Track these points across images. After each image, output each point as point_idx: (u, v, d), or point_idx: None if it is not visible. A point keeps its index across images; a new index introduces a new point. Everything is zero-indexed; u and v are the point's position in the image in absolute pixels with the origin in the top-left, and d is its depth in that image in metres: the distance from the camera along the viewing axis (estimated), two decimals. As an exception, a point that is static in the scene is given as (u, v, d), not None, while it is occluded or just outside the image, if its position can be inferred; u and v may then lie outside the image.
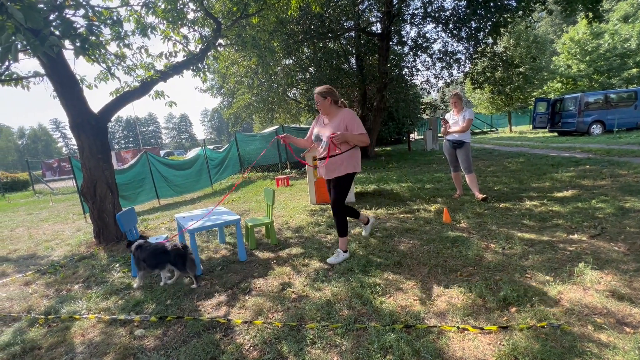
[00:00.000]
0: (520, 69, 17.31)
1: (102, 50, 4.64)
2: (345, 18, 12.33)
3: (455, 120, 4.83)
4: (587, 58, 20.63)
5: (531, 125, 16.52)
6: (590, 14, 8.80)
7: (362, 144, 2.98)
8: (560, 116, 14.47)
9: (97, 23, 3.28)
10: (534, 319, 1.95)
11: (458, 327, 1.94)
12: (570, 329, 1.83)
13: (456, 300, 2.26)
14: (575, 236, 3.14)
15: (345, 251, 3.17)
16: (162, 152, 29.39)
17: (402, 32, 12.24)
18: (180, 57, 5.50)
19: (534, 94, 21.90)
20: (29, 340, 2.31)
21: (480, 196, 4.70)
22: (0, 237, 6.09)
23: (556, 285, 2.29)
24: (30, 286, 3.41)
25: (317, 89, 2.98)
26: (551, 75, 22.59)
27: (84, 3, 2.70)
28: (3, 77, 5.15)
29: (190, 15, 5.83)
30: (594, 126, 13.24)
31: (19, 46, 1.67)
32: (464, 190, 5.24)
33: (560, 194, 4.66)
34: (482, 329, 1.91)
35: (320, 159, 3.09)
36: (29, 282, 3.55)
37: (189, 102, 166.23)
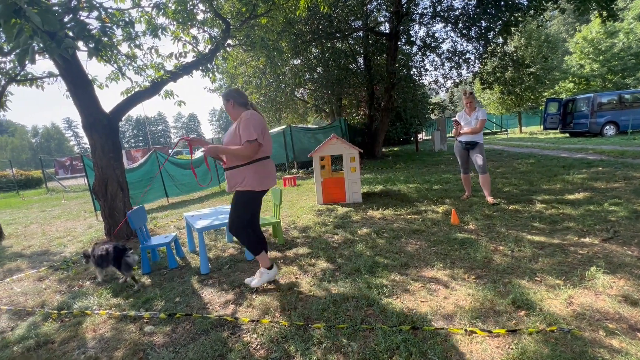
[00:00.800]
0: (531, 69, 17.04)
1: (114, 51, 4.72)
2: (353, 18, 12.32)
3: (467, 121, 4.72)
4: (601, 57, 20.19)
5: (542, 126, 16.25)
6: (605, 12, 8.60)
7: (237, 156, 2.47)
8: (572, 117, 14.21)
9: (109, 24, 3.34)
10: (543, 323, 1.92)
11: (466, 330, 1.93)
12: (581, 334, 1.80)
13: (464, 302, 2.24)
14: (587, 239, 3.08)
15: (269, 267, 2.75)
16: (171, 151, 29.72)
17: (411, 32, 12.17)
18: (190, 58, 5.57)
19: (545, 94, 21.53)
20: (43, 335, 2.36)
21: (491, 200, 4.61)
22: (15, 234, 6.25)
23: (567, 289, 2.26)
24: (44, 282, 3.50)
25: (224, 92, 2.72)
26: (563, 75, 22.17)
27: (97, 5, 2.75)
28: (19, 78, 5.29)
29: (200, 16, 5.90)
30: (607, 127, 12.96)
31: (35, 48, 1.73)
32: (472, 192, 5.19)
33: (571, 196, 4.58)
34: (490, 332, 1.90)
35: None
36: (43, 277, 3.64)
37: (197, 102, 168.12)
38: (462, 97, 4.88)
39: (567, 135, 15.00)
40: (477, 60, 12.11)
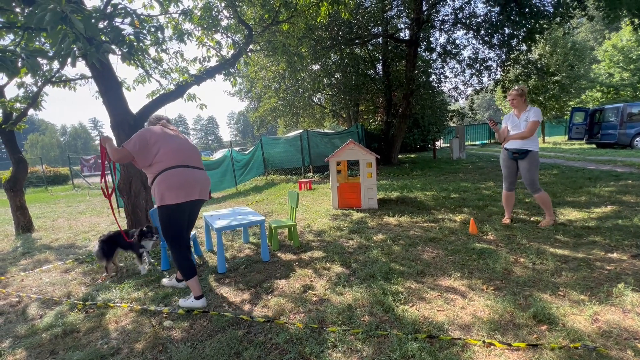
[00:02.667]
0: (556, 77, 16.54)
1: (144, 55, 4.93)
2: (373, 24, 12.36)
3: (515, 123, 3.86)
4: (632, 66, 19.38)
5: (566, 136, 15.68)
6: (637, 20, 8.30)
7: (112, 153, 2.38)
8: (600, 127, 13.65)
9: (140, 29, 3.51)
10: (566, 339, 1.86)
11: (484, 342, 1.89)
12: (608, 352, 1.73)
13: (482, 313, 2.19)
14: (615, 255, 2.96)
15: (198, 297, 2.54)
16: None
17: (431, 39, 12.08)
18: (213, 62, 5.77)
19: (571, 103, 20.81)
20: (69, 324, 2.48)
21: (550, 221, 3.85)
22: (43, 227, 6.56)
23: (592, 305, 2.17)
24: (70, 273, 3.66)
25: None
26: (590, 84, 21.41)
27: (131, 12, 2.91)
28: (54, 80, 5.61)
29: (224, 22, 6.09)
30: (638, 139, 12.38)
31: (77, 53, 1.85)
32: (490, 203, 5.05)
33: (598, 210, 4.40)
34: (509, 345, 1.85)
35: None
36: (69, 269, 3.81)
37: (216, 105, 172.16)
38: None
39: (594, 146, 14.41)
40: (499, 68, 11.87)
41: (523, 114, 3.81)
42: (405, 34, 13.39)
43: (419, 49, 11.51)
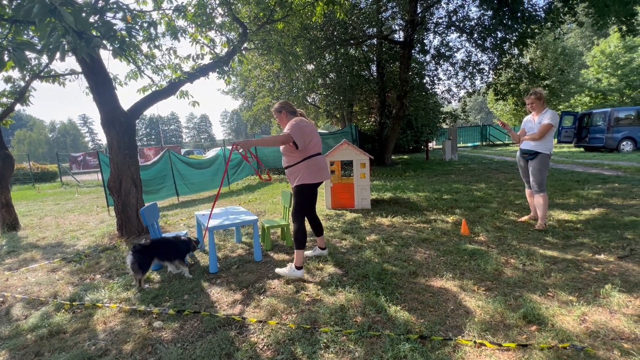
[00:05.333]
0: (547, 82, 16.84)
1: (136, 51, 4.85)
2: (368, 25, 12.40)
3: (531, 126, 3.94)
4: (619, 72, 19.84)
5: (556, 139, 15.99)
6: (624, 27, 8.49)
7: (274, 143, 3.05)
8: (588, 131, 13.94)
9: (132, 25, 3.45)
10: (555, 339, 1.89)
11: (475, 342, 1.90)
12: (595, 352, 1.76)
13: (473, 314, 2.21)
14: (602, 256, 3.02)
15: (299, 267, 2.96)
16: (182, 151, 30.17)
17: (425, 41, 12.18)
18: (207, 60, 5.69)
19: (560, 107, 21.22)
20: (55, 324, 2.42)
21: (540, 225, 3.89)
22: (30, 225, 6.41)
23: (580, 306, 2.21)
24: (57, 273, 3.58)
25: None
26: (579, 88, 21.85)
27: (123, 7, 2.86)
28: (42, 74, 5.48)
29: (218, 20, 6.03)
30: (624, 143, 12.68)
31: (66, 47, 1.81)
32: (483, 203, 5.11)
33: (586, 212, 4.49)
34: (500, 345, 1.87)
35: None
36: (56, 269, 3.73)
37: (209, 103, 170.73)
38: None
39: (582, 149, 14.72)
40: (491, 71, 12.04)
41: (538, 117, 3.86)
42: (399, 36, 13.47)
43: (413, 51, 11.59)
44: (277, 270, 3.05)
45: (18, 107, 5.94)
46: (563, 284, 2.53)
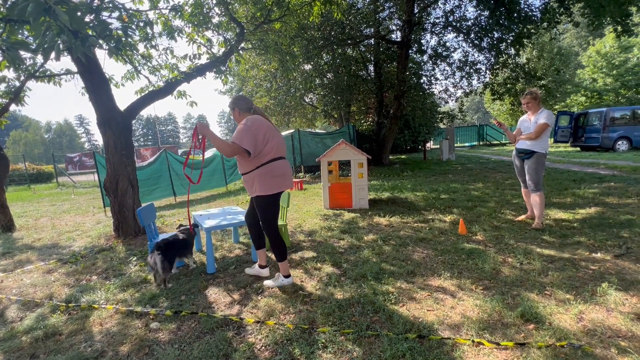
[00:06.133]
0: (543, 81, 16.95)
1: (133, 51, 4.83)
2: (365, 25, 12.42)
3: (527, 125, 3.95)
4: (614, 72, 19.98)
5: (552, 139, 16.08)
6: (619, 27, 8.55)
7: (220, 149, 2.47)
8: (584, 131, 14.03)
9: (128, 24, 3.43)
10: (553, 338, 1.89)
11: (473, 341, 1.90)
12: (592, 351, 1.77)
13: (471, 313, 2.21)
14: (599, 255, 3.03)
15: (287, 276, 2.81)
16: (179, 151, 30.04)
17: (422, 41, 12.21)
18: (204, 59, 5.68)
19: (557, 107, 21.35)
20: (51, 326, 2.40)
21: (537, 224, 3.90)
22: (25, 226, 6.36)
23: (577, 304, 2.22)
24: (53, 274, 3.55)
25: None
26: (575, 88, 21.99)
27: (119, 6, 2.84)
28: (38, 74, 5.44)
29: (215, 20, 6.01)
30: (619, 142, 12.77)
31: (61, 46, 1.79)
32: (480, 202, 5.12)
33: (582, 211, 4.51)
34: (498, 344, 1.87)
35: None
36: (52, 270, 3.69)
37: (207, 103, 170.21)
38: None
39: (578, 149, 14.81)
40: (488, 71, 12.08)
41: (534, 117, 3.87)
42: (396, 36, 13.50)
43: (410, 51, 11.61)
44: (265, 282, 2.86)
45: (13, 107, 5.89)
46: (560, 283, 2.53)
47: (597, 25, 8.68)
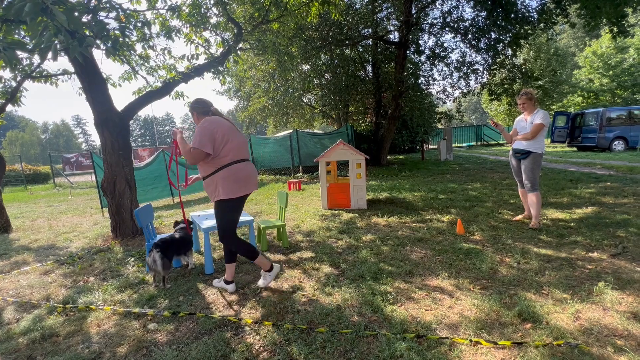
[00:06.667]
0: (540, 82, 17.03)
1: (130, 51, 4.81)
2: (363, 26, 12.43)
3: (523, 125, 3.97)
4: (611, 72, 20.11)
5: (549, 139, 16.16)
6: (615, 28, 8.60)
7: (185, 154, 2.43)
8: (581, 131, 14.12)
9: (126, 24, 3.42)
10: (550, 337, 1.90)
11: (471, 340, 1.91)
12: (589, 349, 1.78)
13: (469, 312, 2.22)
14: (595, 254, 3.05)
15: (269, 269, 2.74)
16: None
17: (420, 41, 12.25)
18: (201, 60, 5.67)
19: (553, 107, 21.46)
20: (48, 328, 2.38)
21: (535, 224, 3.91)
22: (22, 227, 6.32)
23: (574, 303, 2.23)
24: (50, 275, 3.53)
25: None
26: (572, 89, 22.11)
27: (116, 6, 2.83)
28: (34, 74, 5.41)
29: (213, 20, 6.00)
30: (615, 142, 12.86)
31: (58, 46, 1.78)
32: (478, 202, 5.14)
33: (579, 210, 4.54)
34: (495, 343, 1.88)
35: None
36: (48, 271, 3.67)
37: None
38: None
39: (575, 149, 14.90)
40: (485, 71, 12.13)
41: (530, 117, 3.89)
42: (394, 36, 13.52)
43: (408, 52, 11.64)
44: (259, 283, 2.80)
45: (9, 107, 5.86)
46: (557, 282, 2.55)
47: (593, 26, 8.73)
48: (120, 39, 3.16)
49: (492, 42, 10.68)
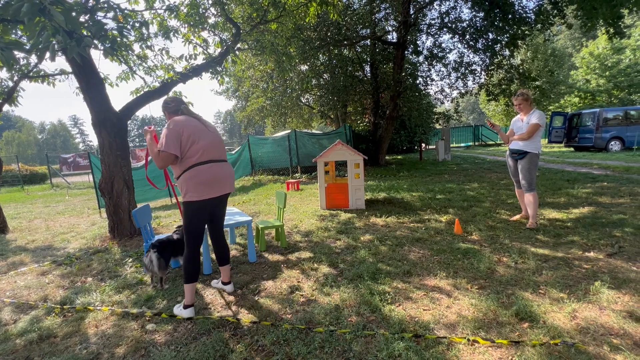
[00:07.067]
0: (537, 82, 17.12)
1: (128, 51, 4.80)
2: (361, 26, 12.44)
3: (519, 126, 4.00)
4: (607, 73, 20.24)
5: (546, 139, 16.24)
6: (611, 29, 8.65)
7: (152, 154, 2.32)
8: (578, 131, 14.20)
9: (124, 24, 3.41)
10: (547, 336, 1.92)
11: (468, 339, 1.92)
12: (585, 348, 1.79)
13: (467, 312, 2.23)
14: (592, 254, 3.07)
15: (187, 306, 2.41)
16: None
17: (418, 42, 12.27)
18: (200, 60, 5.65)
19: (551, 107, 21.56)
20: (45, 328, 2.38)
21: (532, 224, 3.93)
22: (19, 228, 6.29)
23: (571, 302, 2.25)
24: (47, 276, 3.52)
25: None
26: (569, 89, 22.24)
27: (114, 6, 2.82)
28: (31, 74, 5.39)
29: (211, 20, 5.99)
30: (612, 143, 12.94)
31: (56, 47, 1.78)
32: (476, 202, 5.16)
33: (576, 210, 4.57)
34: (493, 342, 1.89)
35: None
36: (46, 272, 3.66)
37: (203, 104, 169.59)
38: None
39: (572, 149, 14.98)
40: (483, 72, 12.17)
41: (526, 117, 3.91)
42: (392, 37, 13.54)
43: (406, 52, 11.66)
44: (174, 309, 2.49)
45: (6, 107, 5.83)
46: (554, 282, 2.56)
47: (589, 27, 8.77)
48: (118, 39, 3.16)
49: (490, 43, 10.72)
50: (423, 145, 19.01)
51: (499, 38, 10.44)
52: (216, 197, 2.43)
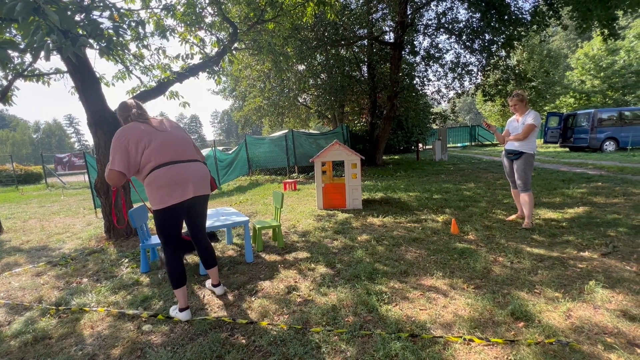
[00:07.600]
0: (533, 83, 17.24)
1: (124, 51, 4.77)
2: (358, 26, 12.47)
3: (515, 126, 4.02)
4: (602, 74, 20.44)
5: (542, 140, 16.36)
6: (606, 30, 8.74)
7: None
8: (573, 131, 14.32)
9: (119, 23, 3.39)
10: (542, 335, 1.93)
11: (464, 339, 1.93)
12: (580, 347, 1.81)
13: (463, 312, 2.25)
14: (586, 253, 3.10)
15: (182, 309, 2.36)
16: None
17: (415, 42, 12.32)
18: (196, 60, 5.64)
19: (546, 108, 21.72)
20: (40, 330, 2.36)
21: (527, 224, 3.96)
22: (13, 228, 6.23)
23: (565, 302, 2.27)
24: (42, 277, 3.49)
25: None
26: (564, 90, 22.42)
27: (110, 5, 2.81)
28: (26, 73, 5.34)
29: (208, 19, 5.99)
30: (607, 143, 13.06)
31: (50, 46, 1.76)
32: (473, 202, 5.19)
33: (571, 210, 4.61)
34: (488, 341, 1.90)
35: None
36: (41, 273, 3.63)
37: (199, 104, 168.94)
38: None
39: (567, 149, 15.10)
40: (479, 72, 12.24)
41: (522, 118, 3.94)
42: (390, 37, 13.59)
43: (403, 52, 11.70)
44: (170, 311, 2.46)
45: (0, 107, 5.77)
46: (549, 281, 2.59)
47: (585, 29, 8.86)
48: (114, 38, 3.14)
49: (486, 44, 10.79)
50: (420, 145, 19.08)
51: (495, 39, 10.51)
52: (184, 200, 2.22)
